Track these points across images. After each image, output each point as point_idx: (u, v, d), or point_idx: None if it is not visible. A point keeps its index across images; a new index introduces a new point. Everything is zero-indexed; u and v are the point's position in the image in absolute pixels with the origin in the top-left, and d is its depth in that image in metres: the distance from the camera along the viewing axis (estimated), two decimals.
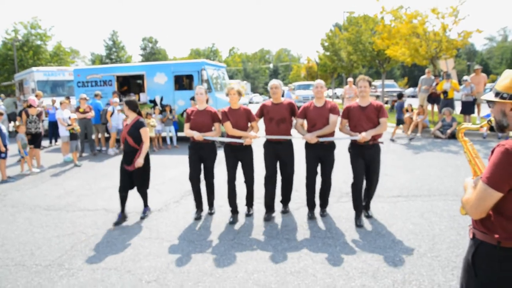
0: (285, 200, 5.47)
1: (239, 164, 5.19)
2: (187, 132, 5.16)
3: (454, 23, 13.14)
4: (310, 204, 5.21)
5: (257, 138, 5.07)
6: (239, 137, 5.02)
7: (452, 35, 13.70)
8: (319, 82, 5.10)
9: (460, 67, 54.78)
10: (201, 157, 5.27)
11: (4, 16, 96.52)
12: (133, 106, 5.29)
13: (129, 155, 5.25)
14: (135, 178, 5.31)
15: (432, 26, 13.67)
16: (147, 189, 5.49)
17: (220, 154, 5.35)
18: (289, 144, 5.13)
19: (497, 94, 1.85)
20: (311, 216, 5.15)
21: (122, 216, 5.29)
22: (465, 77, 12.70)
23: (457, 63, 46.54)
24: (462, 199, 1.93)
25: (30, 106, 9.13)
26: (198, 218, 5.27)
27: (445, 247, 4.09)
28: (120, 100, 12.75)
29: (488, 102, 1.92)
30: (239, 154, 5.11)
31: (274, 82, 5.10)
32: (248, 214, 5.34)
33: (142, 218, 5.39)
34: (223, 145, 5.28)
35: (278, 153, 5.10)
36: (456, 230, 4.53)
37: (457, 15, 12.94)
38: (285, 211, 5.43)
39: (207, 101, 5.65)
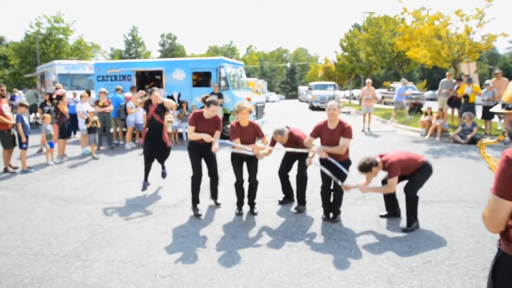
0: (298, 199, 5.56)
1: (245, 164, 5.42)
2: (195, 135, 5.29)
3: (478, 26, 12.84)
4: (325, 208, 5.19)
5: (265, 150, 5.25)
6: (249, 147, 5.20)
7: (476, 38, 13.41)
8: (332, 104, 4.95)
9: (482, 70, 53.63)
10: (201, 155, 5.47)
11: (28, 10, 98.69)
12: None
13: (155, 130, 6.58)
14: (159, 152, 6.67)
15: (456, 29, 13.40)
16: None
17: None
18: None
19: (503, 105, 1.83)
20: (325, 218, 5.13)
21: (146, 184, 6.49)
22: (487, 81, 12.42)
23: (479, 67, 45.54)
24: (482, 213, 1.89)
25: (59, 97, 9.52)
26: (199, 215, 5.31)
27: (463, 255, 4.00)
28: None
29: (498, 113, 1.90)
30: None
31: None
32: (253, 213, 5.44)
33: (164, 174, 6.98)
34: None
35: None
36: (475, 238, 4.43)
37: (482, 17, 12.64)
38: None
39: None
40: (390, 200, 5.06)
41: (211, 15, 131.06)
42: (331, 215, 5.15)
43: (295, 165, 5.59)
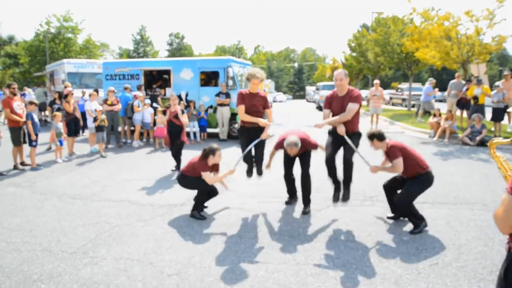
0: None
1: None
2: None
3: (488, 27, 12.71)
4: (333, 179, 5.24)
5: (267, 125, 5.29)
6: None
7: (486, 39, 13.27)
8: (339, 73, 5.00)
9: (492, 72, 53.13)
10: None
11: (38, 9, 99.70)
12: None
13: (175, 134, 7.67)
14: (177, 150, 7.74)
15: (466, 29, 13.27)
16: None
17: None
18: None
19: None
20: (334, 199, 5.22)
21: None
22: (497, 83, 12.30)
23: (489, 68, 45.11)
24: (494, 213, 1.87)
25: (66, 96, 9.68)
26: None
27: (471, 258, 3.97)
28: (147, 94, 12.97)
29: None
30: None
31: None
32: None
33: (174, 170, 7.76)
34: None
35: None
36: (484, 241, 4.39)
37: (492, 18, 12.51)
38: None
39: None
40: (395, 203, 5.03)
41: (219, 15, 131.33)
42: (341, 210, 5.26)
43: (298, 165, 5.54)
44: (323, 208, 5.54)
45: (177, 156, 7.81)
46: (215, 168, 5.37)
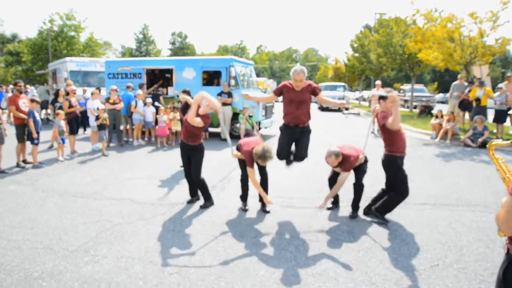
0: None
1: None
2: None
3: (492, 29, 12.69)
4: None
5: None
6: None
7: (489, 41, 13.25)
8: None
9: (495, 74, 53.02)
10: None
11: (41, 7, 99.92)
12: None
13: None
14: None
15: (469, 31, 13.24)
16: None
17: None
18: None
19: None
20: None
21: None
22: (500, 85, 12.27)
23: (491, 70, 45.03)
24: (496, 215, 1.87)
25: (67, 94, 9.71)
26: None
27: (472, 260, 3.97)
28: (149, 93, 12.98)
29: None
30: None
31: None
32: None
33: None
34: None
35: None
36: (485, 242, 4.39)
37: (496, 20, 12.48)
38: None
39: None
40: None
41: (222, 15, 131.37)
42: (349, 210, 5.33)
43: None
44: (324, 208, 5.53)
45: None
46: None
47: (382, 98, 4.88)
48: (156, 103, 11.94)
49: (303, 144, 5.26)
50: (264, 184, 5.46)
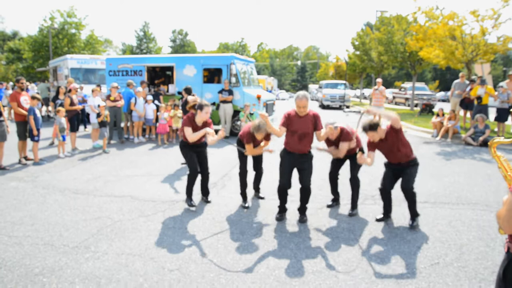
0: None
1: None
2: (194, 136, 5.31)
3: (493, 27, 12.65)
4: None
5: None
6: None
7: (491, 39, 13.21)
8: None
9: (496, 72, 52.92)
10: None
11: (42, 4, 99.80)
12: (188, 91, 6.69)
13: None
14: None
15: (471, 29, 13.21)
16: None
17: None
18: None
19: None
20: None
21: None
22: (501, 84, 12.25)
23: (493, 68, 44.93)
24: (497, 213, 1.87)
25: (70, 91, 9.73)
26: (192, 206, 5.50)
27: (473, 258, 3.97)
28: (149, 90, 12.96)
29: None
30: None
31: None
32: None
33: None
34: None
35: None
36: (485, 241, 4.39)
37: (497, 18, 12.45)
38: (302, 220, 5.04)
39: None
40: (389, 201, 5.03)
41: (223, 12, 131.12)
42: (348, 208, 5.34)
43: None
44: (324, 207, 5.54)
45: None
46: (205, 126, 5.42)
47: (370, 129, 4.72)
48: (156, 102, 11.92)
49: (306, 172, 4.92)
50: (257, 180, 5.72)
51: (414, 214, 4.81)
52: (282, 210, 5.07)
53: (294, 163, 4.89)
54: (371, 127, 4.69)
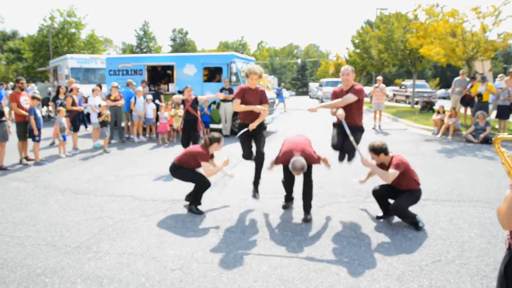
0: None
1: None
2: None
3: (494, 24, 12.63)
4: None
5: (263, 110, 5.35)
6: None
7: (491, 36, 13.19)
8: (346, 69, 5.32)
9: (497, 69, 52.79)
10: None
11: (41, 4, 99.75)
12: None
13: (191, 122, 7.85)
14: (194, 141, 7.81)
15: (471, 26, 13.18)
16: None
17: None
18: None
19: None
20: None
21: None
22: (497, 82, 12.21)
23: (493, 65, 44.83)
24: (497, 210, 1.86)
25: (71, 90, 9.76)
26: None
27: (474, 255, 3.96)
28: (150, 90, 12.96)
29: None
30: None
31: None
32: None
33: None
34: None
35: None
36: (487, 238, 4.38)
37: (498, 15, 12.42)
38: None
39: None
40: (384, 203, 4.98)
41: (223, 11, 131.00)
42: (351, 206, 5.31)
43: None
44: (325, 205, 5.54)
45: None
46: (211, 158, 5.41)
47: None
48: (157, 101, 11.92)
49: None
50: (258, 168, 5.62)
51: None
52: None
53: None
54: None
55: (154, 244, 4.25)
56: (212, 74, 13.26)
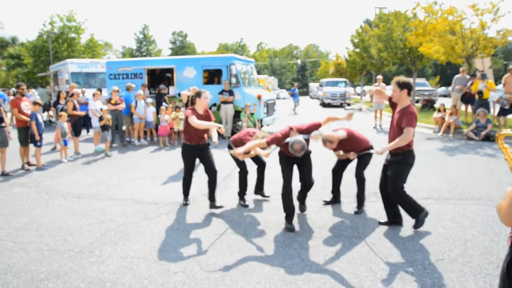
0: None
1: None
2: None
3: (493, 21, 12.62)
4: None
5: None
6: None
7: (491, 33, 13.18)
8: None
9: (497, 66, 52.73)
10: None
11: (41, 9, 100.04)
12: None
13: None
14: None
15: (470, 24, 13.17)
16: None
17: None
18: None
19: None
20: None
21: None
22: (499, 86, 12.17)
23: (494, 62, 44.78)
24: (497, 206, 1.86)
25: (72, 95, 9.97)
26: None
27: (477, 253, 3.96)
28: (150, 93, 12.97)
29: None
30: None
31: None
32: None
33: None
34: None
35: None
36: (490, 236, 4.38)
37: (496, 12, 12.41)
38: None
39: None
40: (392, 208, 4.85)
41: (222, 13, 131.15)
42: (352, 206, 5.36)
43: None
44: (328, 205, 5.54)
45: None
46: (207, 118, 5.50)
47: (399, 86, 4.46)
48: (165, 104, 11.85)
49: (307, 168, 4.99)
50: (260, 174, 5.71)
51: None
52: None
53: (294, 161, 4.93)
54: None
55: (157, 247, 4.25)
56: (212, 76, 13.27)
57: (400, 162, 4.50)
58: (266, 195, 5.91)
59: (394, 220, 4.79)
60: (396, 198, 4.57)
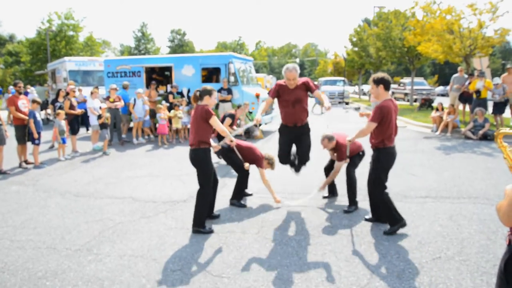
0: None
1: None
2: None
3: (491, 20, 12.64)
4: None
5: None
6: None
7: (489, 32, 13.20)
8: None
9: (495, 65, 52.79)
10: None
11: (39, 7, 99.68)
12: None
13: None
14: None
15: (468, 23, 13.20)
16: None
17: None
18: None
19: None
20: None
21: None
22: (495, 80, 12.21)
23: (492, 62, 44.82)
24: (496, 206, 1.86)
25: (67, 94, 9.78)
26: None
27: (474, 252, 3.97)
28: (159, 94, 12.96)
29: None
30: None
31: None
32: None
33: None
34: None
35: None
36: (486, 234, 4.39)
37: (495, 11, 12.43)
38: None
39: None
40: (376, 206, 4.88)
41: (220, 11, 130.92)
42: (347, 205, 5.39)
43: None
44: (325, 204, 5.55)
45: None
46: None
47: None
48: (164, 102, 11.82)
49: (304, 145, 5.33)
50: (241, 184, 5.71)
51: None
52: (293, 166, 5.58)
53: (292, 136, 5.27)
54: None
55: (155, 245, 4.26)
56: (210, 74, 13.25)
57: (375, 160, 4.50)
58: (249, 193, 5.98)
59: (379, 219, 4.81)
60: (378, 200, 4.58)
